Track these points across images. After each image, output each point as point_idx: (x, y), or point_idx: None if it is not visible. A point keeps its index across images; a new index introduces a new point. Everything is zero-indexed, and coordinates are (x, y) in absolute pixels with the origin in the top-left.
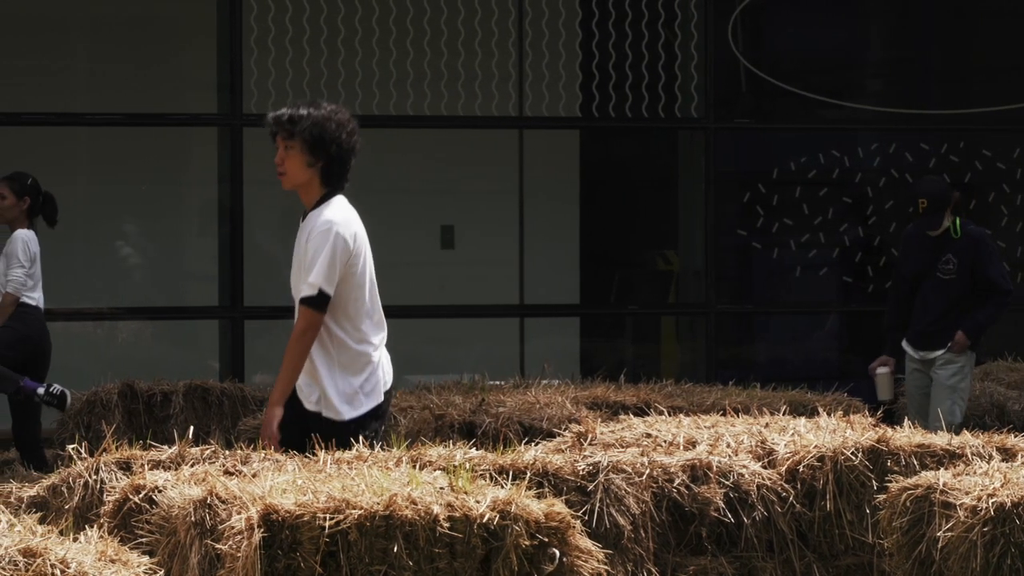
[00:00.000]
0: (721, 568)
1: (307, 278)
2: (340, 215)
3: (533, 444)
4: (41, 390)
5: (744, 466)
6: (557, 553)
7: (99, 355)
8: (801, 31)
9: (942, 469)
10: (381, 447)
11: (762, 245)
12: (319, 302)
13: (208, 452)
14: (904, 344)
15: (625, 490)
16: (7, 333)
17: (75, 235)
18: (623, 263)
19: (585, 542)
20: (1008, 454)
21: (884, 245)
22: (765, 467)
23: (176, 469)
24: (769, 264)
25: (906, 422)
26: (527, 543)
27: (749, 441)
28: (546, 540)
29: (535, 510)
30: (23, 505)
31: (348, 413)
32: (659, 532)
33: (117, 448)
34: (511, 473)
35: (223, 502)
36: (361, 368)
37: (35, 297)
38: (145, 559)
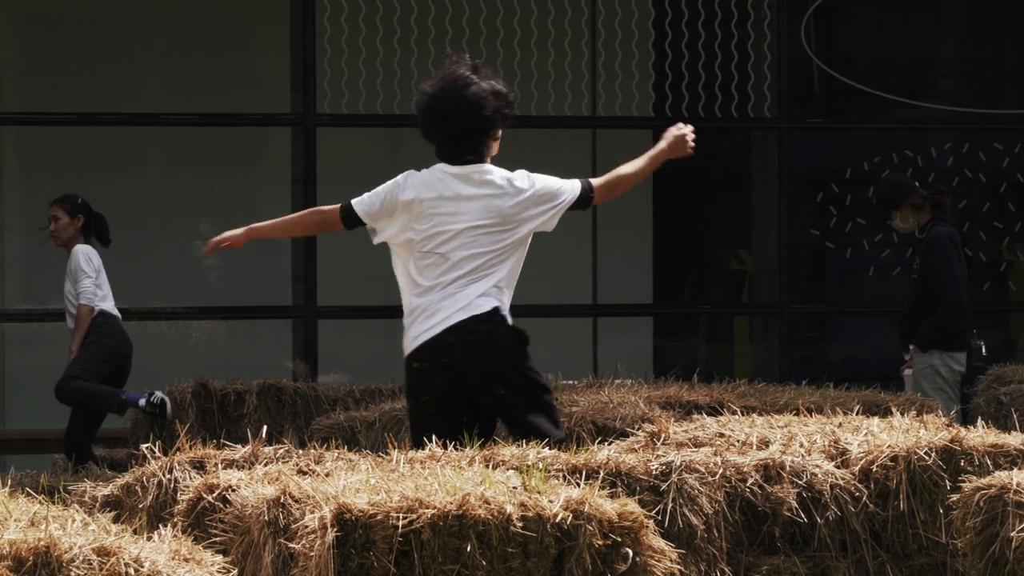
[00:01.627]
0: (794, 568)
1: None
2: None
3: (606, 444)
4: (143, 401)
5: (817, 466)
6: (630, 553)
7: (173, 354)
8: (874, 30)
9: (1016, 469)
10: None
11: (835, 245)
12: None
13: (281, 451)
14: None
15: (698, 490)
16: (95, 349)
17: (150, 235)
18: (696, 263)
19: (658, 542)
20: None
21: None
22: (838, 467)
23: (250, 468)
24: (842, 263)
25: (979, 422)
26: (600, 543)
27: (822, 441)
28: (619, 540)
29: (608, 510)
30: (97, 504)
31: None
32: (732, 532)
33: (191, 447)
34: (584, 473)
35: (296, 501)
36: None
37: (112, 307)
38: (219, 558)
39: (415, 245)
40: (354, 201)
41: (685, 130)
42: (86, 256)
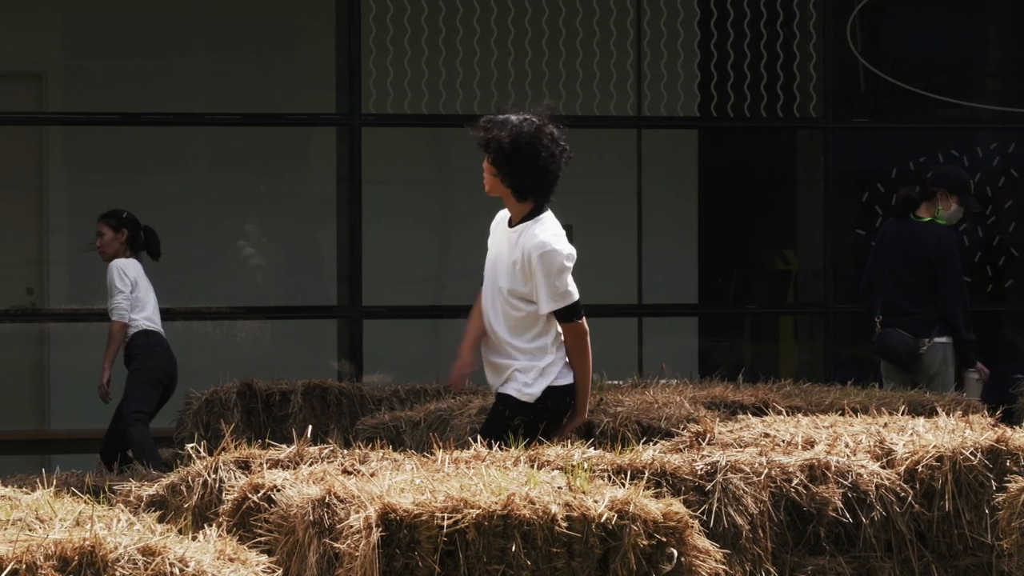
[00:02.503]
0: (839, 568)
1: (551, 297)
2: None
3: (651, 444)
4: None
5: (862, 466)
6: (675, 553)
7: (218, 354)
8: (919, 30)
9: None
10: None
11: None
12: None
13: (326, 451)
14: None
15: (743, 490)
16: (143, 377)
17: (193, 235)
18: (742, 262)
19: (703, 542)
20: None
21: (1003, 245)
22: (883, 467)
23: (295, 468)
24: None
25: None
26: (645, 543)
27: (867, 441)
28: (664, 540)
29: (653, 510)
30: (142, 504)
31: None
32: (777, 532)
33: (236, 447)
34: (629, 473)
35: (341, 501)
36: None
37: (153, 322)
38: (264, 558)
39: None
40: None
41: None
42: (120, 271)
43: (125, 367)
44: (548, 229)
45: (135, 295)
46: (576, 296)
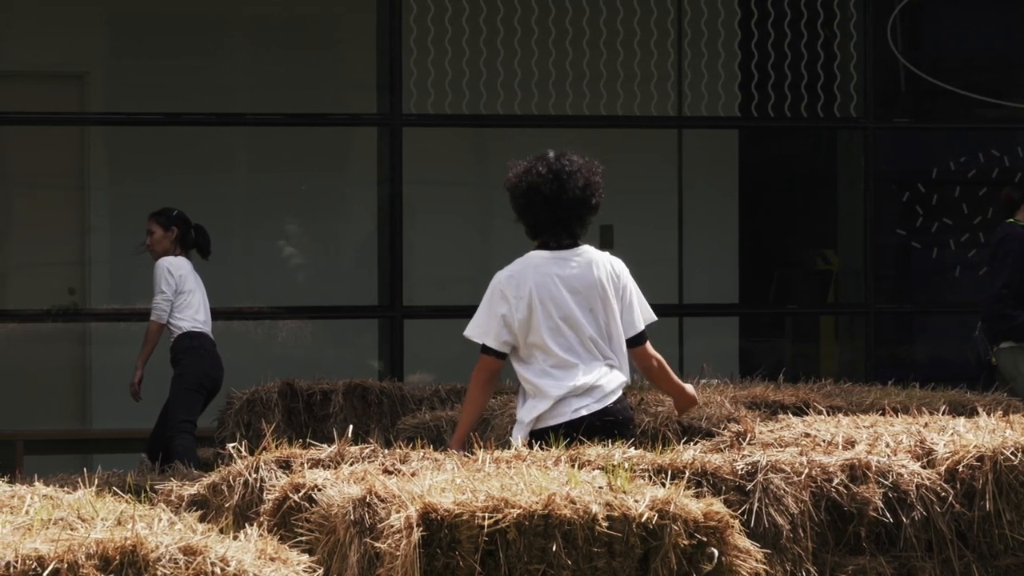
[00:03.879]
0: (880, 568)
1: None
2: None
3: (692, 443)
4: None
5: (903, 466)
6: (716, 552)
7: (259, 354)
8: (960, 30)
9: None
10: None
11: (921, 245)
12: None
13: (367, 451)
14: None
15: (784, 489)
16: (187, 382)
17: (235, 235)
18: (782, 262)
19: (744, 541)
20: None
21: None
22: (924, 467)
23: (335, 468)
24: (928, 264)
25: None
26: (686, 542)
27: (908, 441)
28: (705, 539)
29: (694, 509)
30: (183, 503)
31: None
32: (818, 532)
33: (277, 447)
34: (670, 472)
35: (382, 501)
36: None
37: (199, 324)
38: (304, 557)
39: None
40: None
41: None
42: (167, 270)
43: (171, 367)
44: None
45: (181, 295)
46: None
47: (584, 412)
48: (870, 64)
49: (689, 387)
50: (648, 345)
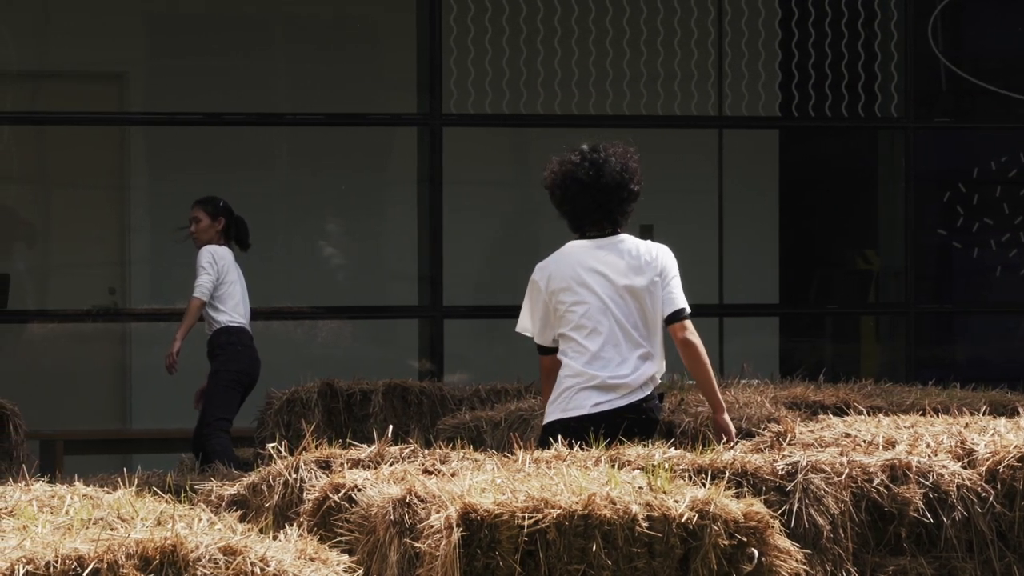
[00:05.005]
0: (920, 568)
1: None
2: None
3: (732, 443)
4: None
5: (944, 466)
6: (756, 553)
7: (299, 354)
8: (1001, 30)
9: None
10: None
11: (962, 244)
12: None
13: (407, 451)
14: None
15: (824, 490)
16: (225, 380)
17: (275, 234)
18: (822, 262)
19: (784, 542)
20: None
21: None
22: (965, 467)
23: (375, 468)
24: (969, 263)
25: None
26: (726, 543)
27: (949, 441)
28: (745, 540)
29: (734, 510)
30: (223, 503)
31: None
32: (858, 532)
33: (317, 447)
34: (710, 473)
35: (422, 501)
36: None
37: (237, 318)
38: (344, 557)
39: None
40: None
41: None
42: (211, 255)
43: (208, 360)
44: None
45: (222, 285)
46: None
47: (605, 408)
48: (911, 64)
49: (716, 391)
50: (687, 323)
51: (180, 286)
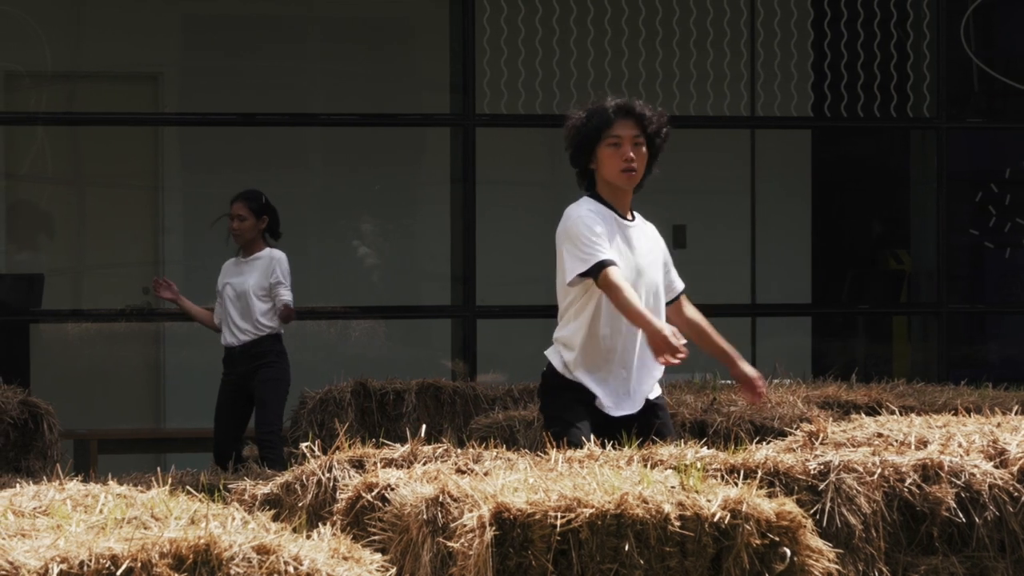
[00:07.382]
0: (952, 568)
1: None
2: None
3: (764, 443)
4: None
5: (976, 466)
6: (788, 552)
7: (332, 353)
8: None
9: None
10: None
11: (994, 245)
12: None
13: (440, 450)
14: None
15: (856, 489)
16: (283, 387)
17: (309, 235)
18: (855, 262)
19: (816, 541)
20: None
21: None
22: (997, 467)
23: (408, 467)
24: (1001, 264)
25: None
26: (758, 542)
27: (981, 441)
28: (777, 539)
29: (766, 509)
30: (257, 502)
31: None
32: (890, 532)
33: (350, 446)
34: (742, 472)
35: (455, 500)
36: None
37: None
38: (377, 556)
39: None
40: None
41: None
42: (286, 263)
43: (250, 361)
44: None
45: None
46: None
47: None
48: (943, 64)
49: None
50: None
51: (213, 286)
